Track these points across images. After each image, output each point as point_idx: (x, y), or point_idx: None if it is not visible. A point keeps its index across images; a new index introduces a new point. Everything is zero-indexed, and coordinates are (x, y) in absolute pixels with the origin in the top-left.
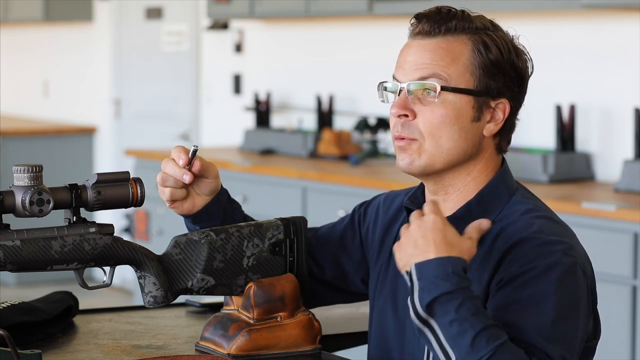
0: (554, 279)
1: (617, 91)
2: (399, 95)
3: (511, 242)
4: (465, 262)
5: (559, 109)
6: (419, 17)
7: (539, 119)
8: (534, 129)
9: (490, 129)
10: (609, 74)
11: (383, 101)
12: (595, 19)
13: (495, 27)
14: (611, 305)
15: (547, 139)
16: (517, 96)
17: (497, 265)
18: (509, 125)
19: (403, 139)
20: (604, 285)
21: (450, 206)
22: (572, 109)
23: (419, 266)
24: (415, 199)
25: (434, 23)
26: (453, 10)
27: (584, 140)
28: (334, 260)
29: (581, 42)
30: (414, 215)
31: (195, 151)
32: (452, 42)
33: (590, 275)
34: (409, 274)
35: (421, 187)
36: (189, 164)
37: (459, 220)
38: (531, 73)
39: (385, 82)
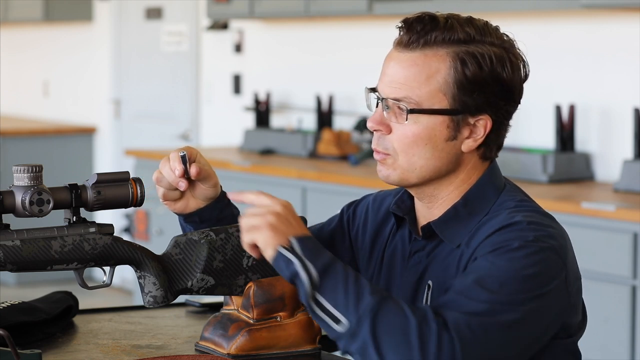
0: (520, 254)
1: (616, 91)
2: (376, 107)
3: (490, 232)
4: None
5: (558, 109)
6: (402, 24)
7: (539, 119)
8: (534, 129)
9: (469, 145)
10: (608, 74)
11: (368, 106)
12: (595, 19)
13: (484, 34)
14: (611, 305)
15: (547, 139)
16: (503, 108)
17: (472, 252)
18: (494, 136)
19: (379, 152)
20: (604, 285)
21: (437, 213)
22: (572, 109)
23: (301, 240)
24: (402, 203)
25: (413, 34)
26: (437, 18)
27: (583, 140)
28: None
29: (581, 42)
30: (263, 198)
31: (184, 157)
32: (429, 58)
33: (571, 268)
34: (289, 248)
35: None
36: (185, 173)
37: (445, 223)
38: (525, 79)
39: (371, 88)
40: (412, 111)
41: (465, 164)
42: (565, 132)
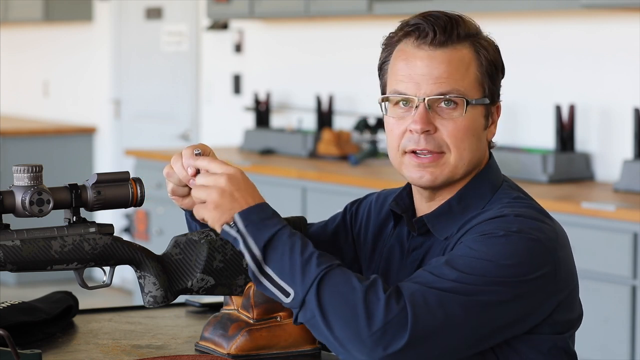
0: (501, 242)
1: (616, 91)
2: (416, 108)
3: (476, 223)
4: None
5: (558, 109)
6: (424, 23)
7: (539, 119)
8: (534, 129)
9: (492, 131)
10: (608, 74)
11: (387, 118)
12: (595, 19)
13: (479, 29)
14: (611, 305)
15: (547, 139)
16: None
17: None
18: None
19: (430, 153)
20: (604, 285)
21: (435, 206)
22: (572, 109)
23: (244, 215)
24: (400, 200)
25: (443, 32)
26: (448, 15)
27: (583, 140)
28: None
29: (581, 42)
30: (213, 165)
31: (198, 155)
32: (461, 52)
33: (564, 265)
34: (232, 225)
35: (407, 188)
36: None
37: (438, 217)
38: None
39: (390, 96)
40: (469, 103)
41: (486, 153)
42: (565, 132)
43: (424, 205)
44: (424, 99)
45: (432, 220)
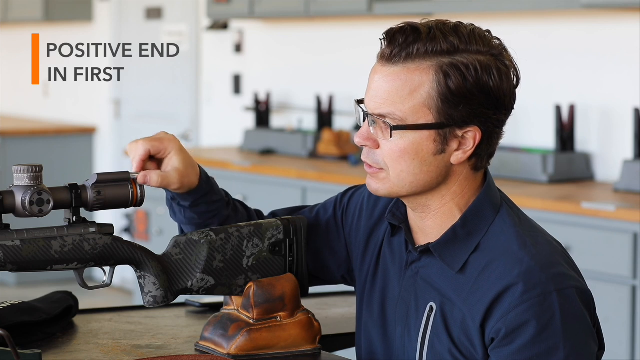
0: (558, 329)
1: (616, 91)
2: (363, 121)
3: (501, 287)
4: None
5: (558, 109)
6: (385, 36)
7: (539, 119)
8: (534, 129)
9: (459, 157)
10: (608, 74)
11: (358, 119)
12: (595, 19)
13: (469, 42)
14: (611, 305)
15: (547, 139)
16: (492, 118)
17: (489, 307)
18: (485, 146)
19: (370, 166)
20: (604, 285)
21: (430, 224)
22: (572, 109)
23: None
24: (397, 211)
25: (395, 47)
26: (419, 29)
27: (583, 140)
28: (317, 255)
29: (581, 42)
30: None
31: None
32: (412, 72)
33: (585, 291)
34: None
35: None
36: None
37: (445, 245)
38: (516, 85)
39: (359, 100)
40: (396, 128)
41: (457, 175)
42: (565, 132)
43: (416, 218)
44: (368, 114)
45: (439, 249)
